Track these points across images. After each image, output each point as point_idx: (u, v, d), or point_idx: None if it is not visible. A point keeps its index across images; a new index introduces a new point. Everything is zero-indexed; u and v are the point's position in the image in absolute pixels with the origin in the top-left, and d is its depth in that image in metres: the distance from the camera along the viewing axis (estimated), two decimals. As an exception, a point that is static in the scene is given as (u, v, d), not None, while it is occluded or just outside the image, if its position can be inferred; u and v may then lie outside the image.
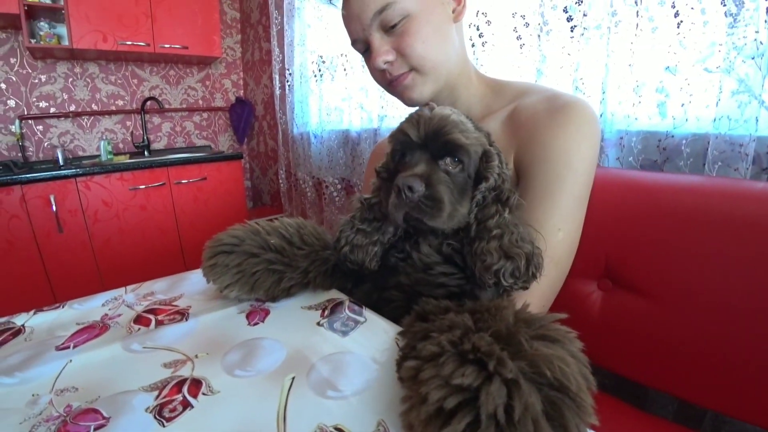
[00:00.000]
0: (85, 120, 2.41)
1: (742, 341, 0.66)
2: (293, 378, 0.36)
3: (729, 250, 0.69)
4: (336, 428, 0.30)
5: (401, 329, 0.41)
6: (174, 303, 0.56)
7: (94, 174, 1.94)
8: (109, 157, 2.27)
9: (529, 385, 0.26)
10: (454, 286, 0.48)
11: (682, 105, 0.99)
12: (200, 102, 2.78)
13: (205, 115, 2.83)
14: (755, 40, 0.88)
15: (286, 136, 2.22)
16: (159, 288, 0.62)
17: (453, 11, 0.67)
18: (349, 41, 0.70)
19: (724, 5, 0.90)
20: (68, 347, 0.44)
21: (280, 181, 2.35)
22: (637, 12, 0.99)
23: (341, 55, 1.75)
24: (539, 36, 1.13)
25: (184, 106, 2.71)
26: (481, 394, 0.25)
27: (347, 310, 0.49)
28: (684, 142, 0.99)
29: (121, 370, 0.40)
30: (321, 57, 1.85)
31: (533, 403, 0.25)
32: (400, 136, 0.50)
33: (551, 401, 0.26)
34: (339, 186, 1.93)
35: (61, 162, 2.16)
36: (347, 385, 0.35)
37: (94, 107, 2.42)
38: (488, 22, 1.24)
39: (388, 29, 0.63)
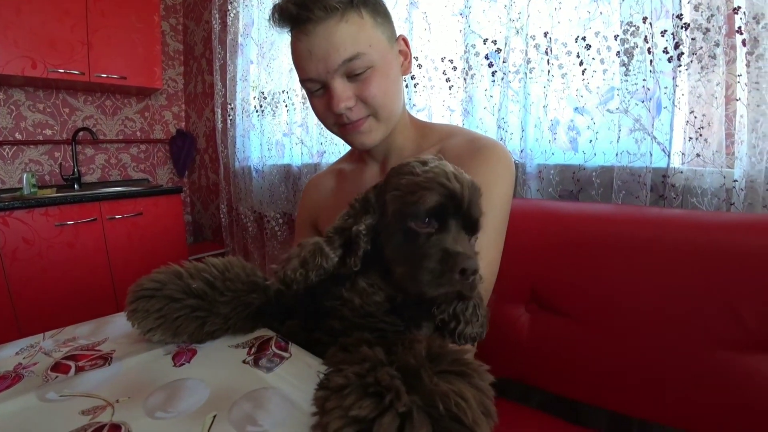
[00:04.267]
0: (7, 149, 2.25)
1: (657, 350, 0.73)
2: (214, 416, 0.36)
3: (635, 270, 0.78)
4: (253, 461, 0.31)
5: (324, 362, 0.42)
6: (97, 348, 0.54)
7: (13, 209, 1.80)
8: (32, 190, 2.11)
9: (423, 417, 0.28)
10: (390, 332, 0.48)
11: (590, 141, 1.12)
12: (138, 133, 2.69)
13: (143, 147, 2.73)
14: (644, 86, 1.02)
15: (227, 170, 2.20)
16: (81, 332, 0.60)
17: (401, 65, 0.73)
18: (292, 78, 0.72)
19: (619, 56, 1.04)
20: (-26, 401, 0.42)
21: (222, 215, 2.30)
22: (548, 60, 1.12)
23: (282, 91, 1.79)
24: (465, 79, 1.23)
25: (121, 137, 2.61)
26: (374, 426, 0.27)
27: (273, 347, 0.50)
28: (594, 174, 1.11)
29: (34, 422, 0.38)
30: (262, 93, 1.88)
31: None
32: (435, 195, 0.44)
33: None
34: (281, 220, 1.93)
35: (-26, 196, 1.99)
36: (267, 419, 0.36)
37: (18, 136, 2.26)
38: (419, 66, 1.33)
39: (352, 76, 0.65)
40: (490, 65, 1.20)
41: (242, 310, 0.53)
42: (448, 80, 1.30)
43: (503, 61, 1.16)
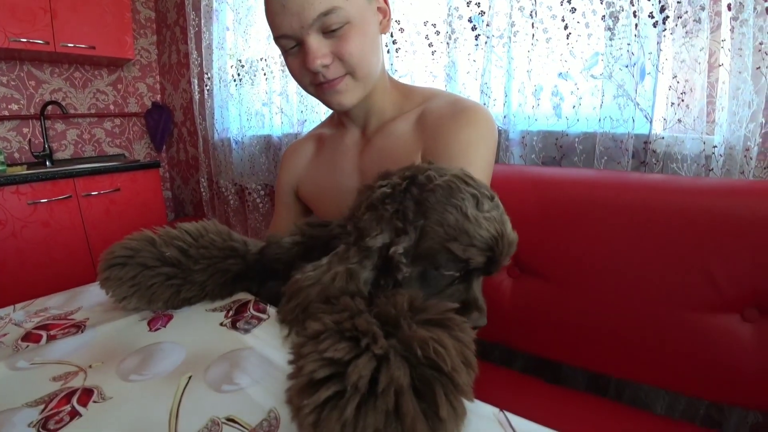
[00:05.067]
0: (-30, 126, 2.13)
1: (634, 312, 0.75)
2: (190, 377, 0.36)
3: (615, 233, 0.78)
4: (228, 419, 0.30)
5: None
6: (70, 317, 0.52)
7: (-19, 188, 1.72)
8: (1, 168, 2.03)
9: (399, 361, 0.27)
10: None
11: (574, 107, 1.11)
12: (112, 107, 2.58)
13: (117, 121, 2.62)
14: (628, 51, 1.00)
15: (206, 142, 2.13)
16: (54, 303, 0.58)
17: (380, 23, 0.69)
18: (271, 45, 0.68)
19: (604, 21, 1.03)
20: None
21: (202, 189, 2.24)
22: (533, 24, 1.09)
23: (260, 59, 1.73)
24: (448, 43, 1.20)
25: (93, 111, 2.50)
26: (349, 367, 0.26)
27: (252, 309, 0.49)
28: (577, 139, 1.11)
29: (3, 390, 0.37)
30: (240, 61, 1.81)
31: (399, 376, 0.26)
32: (487, 259, 0.41)
33: (423, 378, 0.27)
34: (262, 192, 1.89)
35: (-61, 175, 1.90)
36: (244, 378, 0.35)
37: (-18, 112, 2.15)
38: (401, 30, 1.29)
39: (328, 32, 0.62)
40: (474, 28, 1.16)
41: (219, 276, 0.52)
42: (430, 45, 1.26)
43: (487, 25, 1.13)
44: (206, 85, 1.98)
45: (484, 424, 0.31)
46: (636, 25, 0.98)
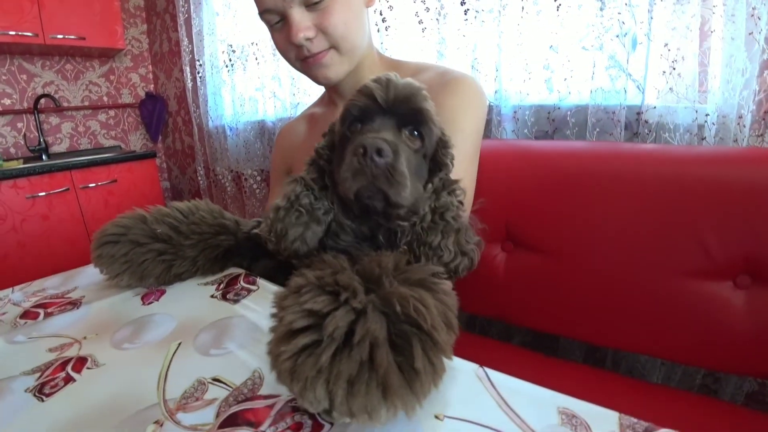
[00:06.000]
0: (-36, 123, 2.13)
1: (629, 282, 0.75)
2: (179, 343, 0.37)
3: (608, 204, 0.79)
4: (214, 379, 0.32)
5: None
6: (66, 295, 0.54)
7: (-21, 183, 1.73)
8: (-2, 163, 2.03)
9: (377, 315, 0.28)
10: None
11: (565, 80, 1.10)
12: (105, 99, 2.57)
13: (111, 113, 2.62)
14: (619, 20, 0.99)
15: (201, 130, 2.13)
16: (51, 284, 0.60)
17: None
18: (261, 29, 0.67)
19: (593, -10, 1.01)
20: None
21: (200, 178, 2.25)
22: (522, -4, 1.08)
23: (251, 43, 1.71)
24: (438, 20, 1.18)
25: (86, 103, 2.49)
26: (327, 318, 0.27)
27: (242, 281, 0.50)
28: (569, 113, 1.10)
29: (1, 361, 0.39)
30: (231, 46, 1.80)
31: (375, 329, 0.26)
32: (362, 97, 0.44)
33: (402, 333, 0.28)
34: (258, 178, 1.90)
35: (-64, 172, 1.90)
36: (231, 343, 0.36)
37: (-25, 108, 2.14)
38: (390, 8, 1.28)
39: (310, 5, 0.62)
40: (463, 3, 1.15)
41: (210, 252, 0.53)
42: (420, 22, 1.25)
43: (476, -1, 1.12)
44: (198, 72, 1.97)
45: (464, 379, 0.32)
46: (628, -7, 0.97)
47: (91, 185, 2.02)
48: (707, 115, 0.91)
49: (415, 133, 0.45)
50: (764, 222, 0.64)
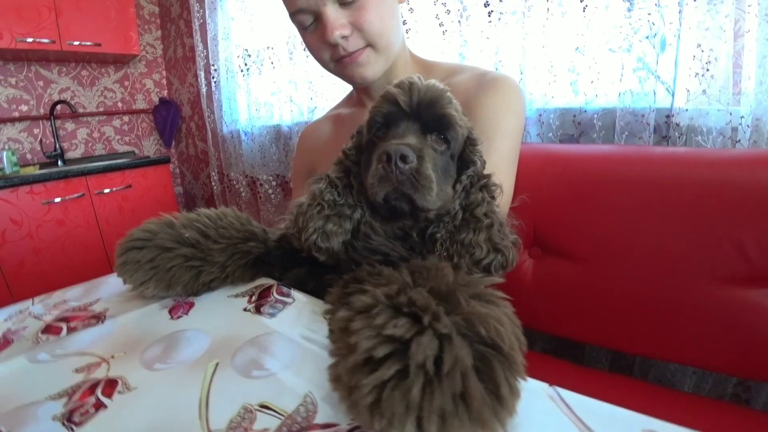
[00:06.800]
0: (-18, 130, 2.15)
1: (659, 288, 0.73)
2: (217, 363, 0.34)
3: (639, 209, 0.76)
4: (262, 405, 0.29)
5: (326, 301, 0.40)
6: (89, 308, 0.52)
7: (-3, 188, 1.73)
8: (14, 169, 2.04)
9: (462, 340, 0.26)
10: (393, 257, 0.46)
11: (592, 82, 1.07)
12: (120, 104, 2.58)
13: (126, 118, 2.63)
14: (648, 21, 0.96)
15: (215, 135, 2.12)
16: (72, 295, 0.57)
17: None
18: (278, 32, 0.66)
19: (621, -10, 0.98)
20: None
21: (213, 183, 2.24)
22: (547, -3, 1.06)
23: (267, 48, 1.70)
24: (460, 22, 1.16)
25: (101, 109, 2.51)
26: (412, 345, 0.25)
27: (275, 293, 0.47)
28: (595, 116, 1.07)
29: (25, 383, 0.36)
30: (246, 51, 1.79)
31: (464, 357, 0.25)
32: (386, 104, 0.45)
33: (483, 357, 0.26)
34: (274, 183, 1.88)
35: (-46, 178, 1.91)
36: (274, 363, 0.34)
37: (-7, 114, 2.16)
38: (411, 10, 1.26)
39: (344, 3, 0.61)
40: (486, 5, 1.13)
41: (239, 258, 0.51)
42: (441, 24, 1.22)
43: (500, 1, 1.09)
44: (213, 77, 1.97)
45: (537, 401, 0.29)
46: (657, -7, 0.94)
47: (105, 191, 2.02)
48: (742, 117, 0.88)
49: (441, 136, 0.45)
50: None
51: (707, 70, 0.93)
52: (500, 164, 0.64)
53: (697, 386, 0.95)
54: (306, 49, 0.71)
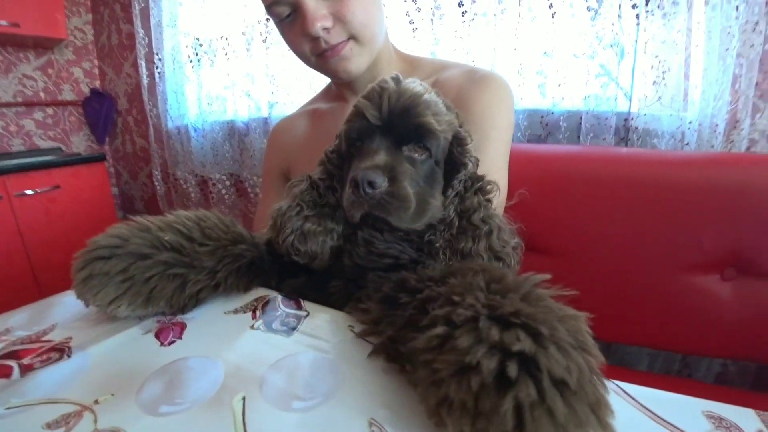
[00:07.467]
0: None
1: (626, 278, 0.80)
2: (244, 398, 0.28)
3: (606, 205, 0.82)
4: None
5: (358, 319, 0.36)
6: (44, 338, 0.42)
7: None
8: None
9: (576, 352, 0.26)
10: (404, 259, 0.43)
11: (559, 86, 1.11)
12: (42, 95, 2.29)
13: (50, 110, 2.34)
14: (612, 30, 1.01)
15: (158, 131, 1.95)
16: (17, 322, 0.46)
17: None
18: (232, 21, 0.61)
19: (587, 1, 1.03)
20: None
21: (156, 183, 2.06)
22: (519, 2, 1.08)
23: (221, 37, 1.58)
24: (432, 20, 1.15)
25: (19, 99, 2.20)
26: (540, 359, 0.23)
27: (282, 306, 0.41)
28: (561, 118, 1.11)
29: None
30: (197, 39, 1.66)
31: (583, 364, 0.24)
32: (356, 118, 0.43)
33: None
34: (227, 183, 1.77)
35: None
36: (313, 390, 0.28)
37: None
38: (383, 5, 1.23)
39: None
40: (460, 4, 1.12)
41: (231, 262, 0.44)
42: (411, 22, 1.21)
43: (473, 1, 1.10)
44: (157, 68, 1.80)
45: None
46: (620, 5, 0.99)
47: (28, 192, 1.78)
48: (690, 122, 0.96)
49: (420, 144, 0.43)
50: (747, 220, 0.71)
51: (663, 79, 1.00)
52: (496, 159, 0.64)
53: (650, 365, 1.07)
54: (265, 41, 0.66)
